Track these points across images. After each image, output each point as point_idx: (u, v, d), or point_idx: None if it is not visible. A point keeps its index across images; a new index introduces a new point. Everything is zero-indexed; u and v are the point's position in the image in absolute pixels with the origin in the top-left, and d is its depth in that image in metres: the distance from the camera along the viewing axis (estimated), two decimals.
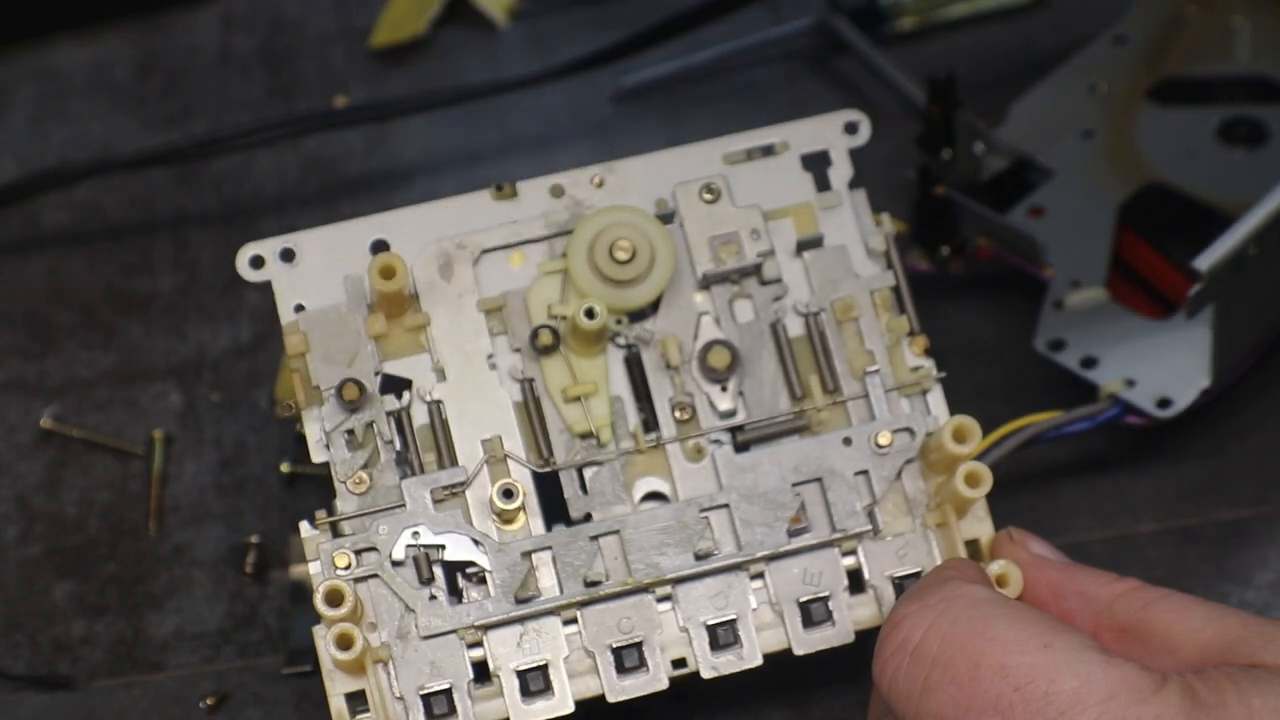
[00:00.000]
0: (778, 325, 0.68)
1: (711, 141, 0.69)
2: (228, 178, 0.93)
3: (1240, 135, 0.82)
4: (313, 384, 0.67)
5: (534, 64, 0.93)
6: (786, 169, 0.69)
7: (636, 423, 0.67)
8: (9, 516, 0.81)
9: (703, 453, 0.67)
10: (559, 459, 0.67)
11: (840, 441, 0.67)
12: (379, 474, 0.66)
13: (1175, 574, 0.73)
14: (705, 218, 0.68)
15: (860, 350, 0.68)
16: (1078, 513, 0.76)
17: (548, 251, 0.69)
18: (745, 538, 0.67)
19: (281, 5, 1.01)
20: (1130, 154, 0.82)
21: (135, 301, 0.88)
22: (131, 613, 0.77)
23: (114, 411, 0.84)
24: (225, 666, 0.75)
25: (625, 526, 0.66)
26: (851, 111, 0.68)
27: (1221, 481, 0.76)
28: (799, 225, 0.68)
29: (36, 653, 0.76)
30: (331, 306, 0.68)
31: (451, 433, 0.67)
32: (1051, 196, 0.81)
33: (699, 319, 0.68)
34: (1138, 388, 0.74)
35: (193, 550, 0.79)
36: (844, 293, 0.68)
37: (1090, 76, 0.85)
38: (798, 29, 0.96)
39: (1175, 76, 0.85)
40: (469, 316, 0.68)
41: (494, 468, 0.67)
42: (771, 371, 0.68)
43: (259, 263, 0.68)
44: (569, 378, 0.67)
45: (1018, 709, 0.55)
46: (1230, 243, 0.71)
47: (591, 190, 0.69)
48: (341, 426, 0.66)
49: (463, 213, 0.69)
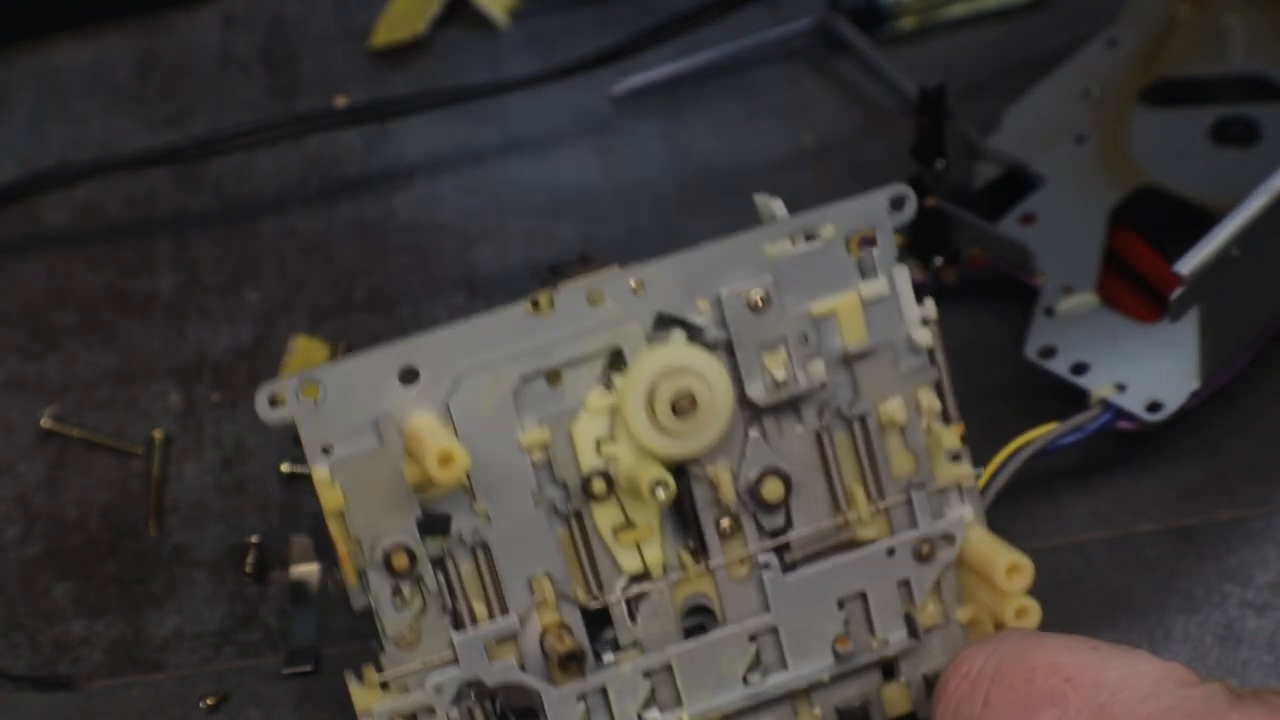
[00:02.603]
0: (823, 435, 0.65)
1: (754, 231, 0.64)
2: (228, 178, 0.93)
3: (1233, 135, 0.82)
4: (353, 537, 0.63)
5: (534, 64, 0.93)
6: (831, 255, 0.64)
7: (683, 549, 0.65)
8: (9, 516, 0.81)
9: (749, 569, 0.66)
10: (608, 593, 0.65)
11: (884, 553, 0.66)
12: (426, 625, 0.64)
13: (1175, 574, 0.73)
14: (753, 327, 0.64)
15: (902, 451, 0.66)
16: (1078, 513, 0.76)
17: (588, 376, 0.64)
18: (793, 664, 0.66)
19: (281, 5, 1.01)
20: (1122, 157, 0.82)
21: (135, 301, 0.88)
22: (131, 613, 0.77)
23: (114, 411, 0.84)
24: (225, 666, 0.75)
25: (677, 660, 0.65)
26: (897, 186, 0.64)
27: (1222, 481, 0.76)
28: (845, 329, 0.65)
29: (36, 653, 0.76)
30: (364, 453, 0.62)
31: (500, 577, 0.64)
32: (1043, 203, 0.81)
33: (747, 437, 0.65)
34: (1128, 392, 0.74)
35: (193, 550, 0.79)
36: (889, 394, 0.65)
37: (1084, 81, 0.85)
38: (798, 29, 0.96)
39: (1168, 78, 0.85)
40: (511, 453, 0.63)
41: (543, 608, 0.65)
42: (817, 482, 0.66)
43: (278, 401, 0.62)
44: (620, 518, 0.65)
45: (1071, 698, 0.58)
46: (1212, 245, 0.71)
47: (632, 298, 0.64)
48: (388, 589, 0.63)
49: (496, 333, 0.63)
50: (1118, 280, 0.79)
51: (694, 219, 0.89)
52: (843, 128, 0.92)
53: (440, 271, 0.88)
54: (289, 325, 0.87)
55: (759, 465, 0.65)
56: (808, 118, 0.93)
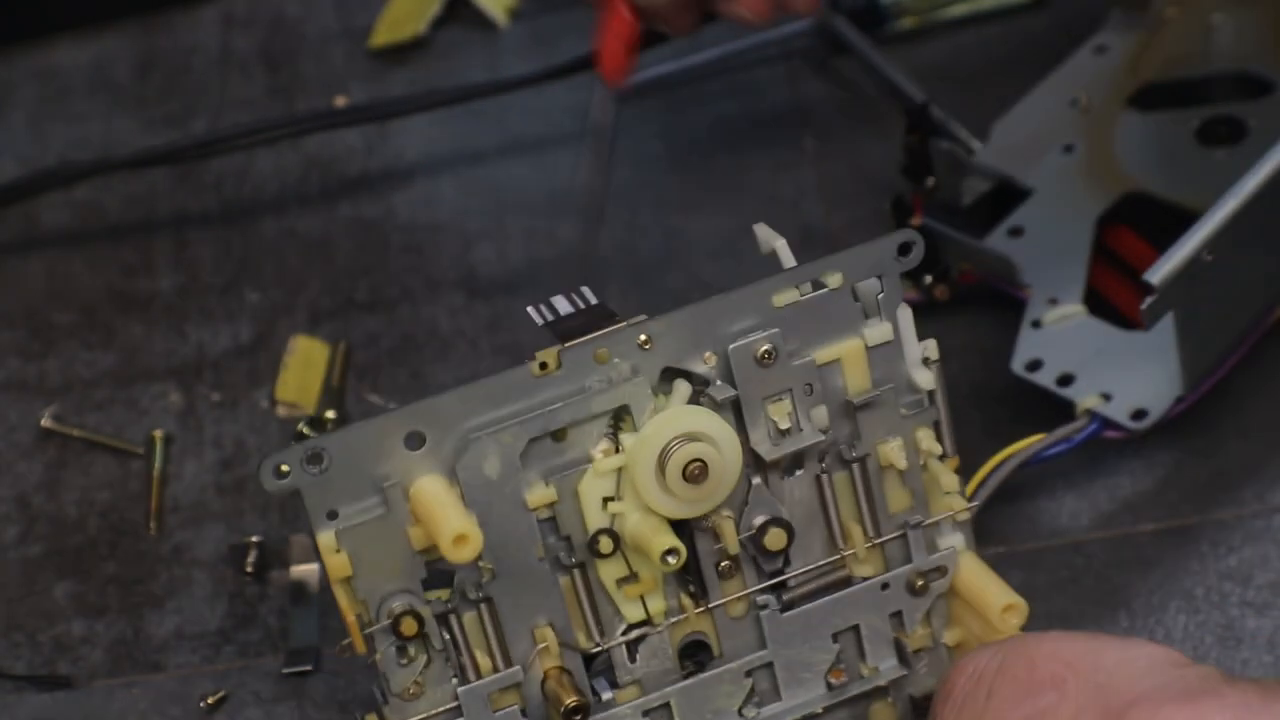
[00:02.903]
0: (823, 478, 0.65)
1: (761, 282, 0.63)
2: (228, 178, 0.93)
3: (1220, 135, 0.82)
4: (359, 599, 0.62)
5: (534, 64, 0.93)
6: (837, 302, 0.64)
7: (684, 592, 0.65)
8: (9, 516, 0.81)
9: (746, 606, 0.66)
10: (609, 638, 0.65)
11: (878, 587, 0.66)
12: (430, 677, 0.64)
13: (1175, 574, 0.73)
14: (759, 380, 0.63)
15: (899, 488, 0.66)
16: (1078, 513, 0.76)
17: (594, 432, 0.63)
18: (787, 696, 0.67)
19: (281, 5, 1.01)
20: (1109, 165, 0.82)
21: (135, 301, 0.88)
22: (131, 612, 0.77)
23: (114, 411, 0.84)
24: (225, 666, 0.75)
25: (675, 697, 0.66)
26: (906, 233, 0.63)
27: (1222, 481, 0.76)
28: (849, 375, 0.64)
29: (36, 652, 0.76)
30: (372, 520, 0.62)
31: (503, 631, 0.64)
32: (1030, 216, 0.81)
33: (749, 485, 0.64)
34: (1114, 402, 0.74)
35: (193, 550, 0.79)
36: (889, 436, 0.65)
37: (1072, 90, 0.85)
38: (798, 29, 0.96)
39: (1155, 82, 0.85)
40: (517, 511, 0.63)
41: (544, 655, 0.64)
42: (816, 523, 0.66)
43: (284, 472, 0.61)
44: (625, 571, 0.64)
45: (1070, 681, 0.59)
46: (1182, 253, 0.71)
47: (640, 353, 0.63)
48: (394, 650, 0.63)
49: (503, 394, 0.62)
50: (1114, 277, 0.79)
51: (694, 219, 0.89)
52: (843, 128, 0.92)
53: (440, 271, 0.88)
54: (289, 325, 0.87)
55: (762, 514, 0.65)
56: (808, 117, 0.93)
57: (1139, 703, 0.57)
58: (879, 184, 0.86)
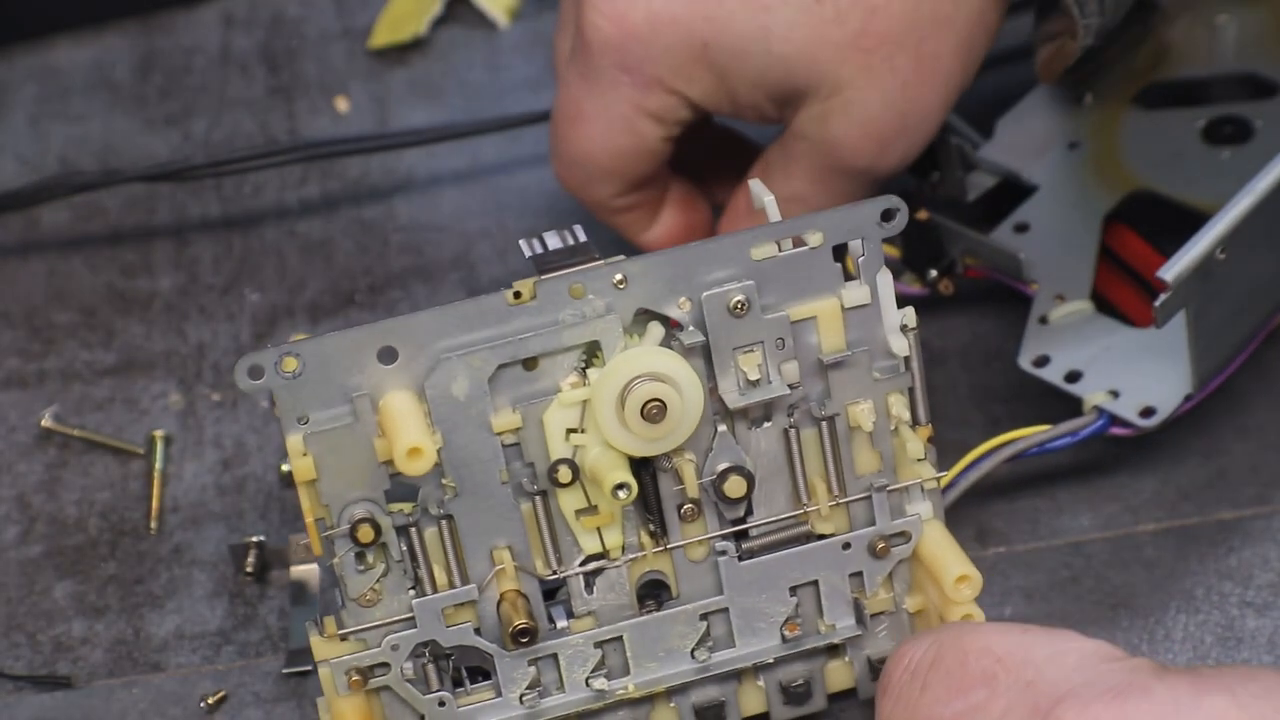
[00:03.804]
0: (790, 432, 0.66)
1: (742, 233, 0.64)
2: (228, 178, 0.93)
3: (1226, 134, 0.82)
4: (323, 503, 0.64)
5: (534, 64, 0.93)
6: (816, 261, 0.64)
7: (644, 530, 0.66)
8: (9, 516, 0.81)
9: (706, 551, 0.67)
10: (566, 567, 0.66)
11: (840, 546, 0.67)
12: (388, 586, 0.65)
13: (1176, 574, 0.73)
14: (731, 329, 0.64)
15: (868, 450, 0.66)
16: (1078, 513, 0.76)
17: (565, 364, 0.65)
18: (741, 643, 0.68)
19: (281, 5, 1.01)
20: (1115, 163, 0.82)
21: (135, 301, 0.88)
22: (132, 612, 0.77)
23: (114, 411, 0.84)
24: (225, 666, 0.75)
25: (628, 632, 0.67)
26: (889, 198, 0.64)
27: (1223, 481, 0.76)
28: (824, 334, 0.65)
29: (36, 652, 0.76)
30: (339, 428, 0.63)
31: (462, 549, 0.65)
32: (1036, 212, 0.81)
33: (715, 431, 0.65)
34: (1122, 399, 0.74)
35: (193, 550, 0.79)
36: (860, 398, 0.66)
37: (1077, 88, 0.85)
38: None
39: (1161, 80, 0.85)
40: (483, 434, 0.64)
41: (502, 577, 0.65)
42: (781, 476, 0.66)
43: (258, 372, 0.63)
44: (584, 503, 0.65)
45: (1000, 677, 0.59)
46: (1196, 250, 0.71)
47: (615, 292, 0.64)
48: (352, 555, 0.64)
49: (477, 319, 0.63)
50: (1117, 280, 0.79)
51: None
52: None
53: (440, 272, 0.88)
54: (289, 325, 0.87)
55: (724, 461, 0.66)
56: None
57: (1066, 700, 0.57)
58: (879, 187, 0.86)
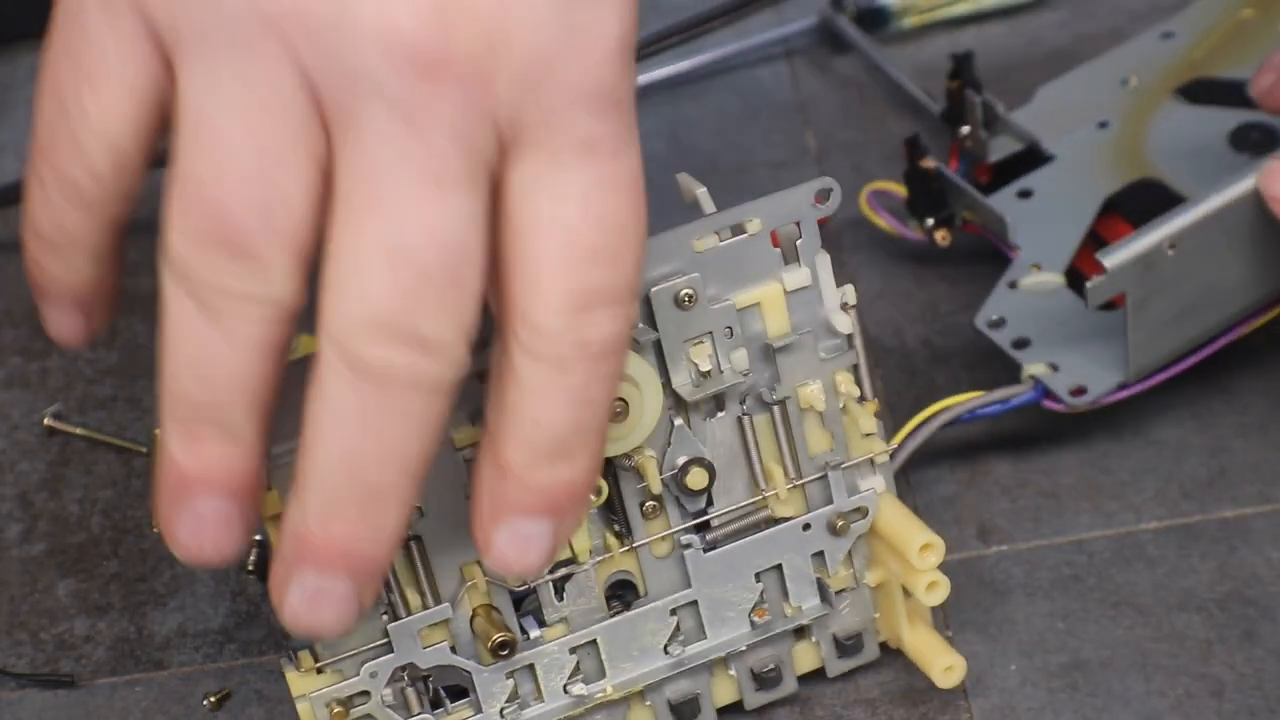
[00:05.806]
0: (744, 420, 0.66)
1: (682, 228, 0.64)
2: None
3: (1251, 140, 0.82)
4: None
5: None
6: (755, 248, 0.65)
7: (609, 531, 0.67)
8: (12, 515, 0.81)
9: (671, 546, 0.67)
10: (536, 577, 0.66)
11: (800, 528, 0.68)
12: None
13: (1178, 572, 0.73)
14: (681, 322, 0.64)
15: (819, 430, 0.67)
16: (1079, 511, 0.76)
17: None
18: (712, 634, 0.68)
19: None
20: (1136, 149, 0.82)
21: (138, 299, 0.88)
22: (134, 611, 0.77)
23: (117, 410, 0.84)
24: (228, 664, 0.75)
25: (601, 635, 0.67)
26: (823, 180, 0.65)
27: (1224, 479, 0.76)
28: (768, 319, 0.66)
29: (39, 651, 0.76)
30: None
31: (432, 567, 0.65)
32: (1043, 181, 0.82)
33: (672, 426, 0.65)
34: (1059, 374, 0.75)
35: None
36: (809, 379, 0.66)
37: (1126, 69, 0.85)
38: (800, 28, 0.96)
39: (1207, 76, 0.85)
40: (445, 453, 0.64)
41: (473, 592, 0.66)
42: (739, 465, 0.67)
43: None
44: None
45: None
46: (1143, 242, 0.71)
47: None
48: None
49: None
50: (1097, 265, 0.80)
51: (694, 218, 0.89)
52: (845, 127, 0.93)
53: None
54: None
55: (684, 454, 0.66)
56: (810, 117, 0.93)
57: None
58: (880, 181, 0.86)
